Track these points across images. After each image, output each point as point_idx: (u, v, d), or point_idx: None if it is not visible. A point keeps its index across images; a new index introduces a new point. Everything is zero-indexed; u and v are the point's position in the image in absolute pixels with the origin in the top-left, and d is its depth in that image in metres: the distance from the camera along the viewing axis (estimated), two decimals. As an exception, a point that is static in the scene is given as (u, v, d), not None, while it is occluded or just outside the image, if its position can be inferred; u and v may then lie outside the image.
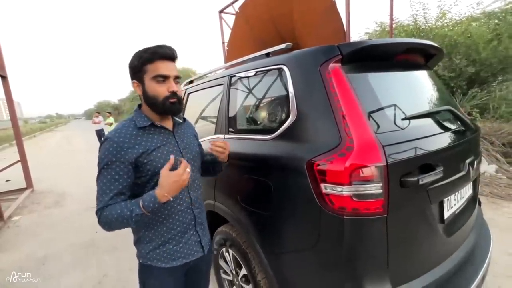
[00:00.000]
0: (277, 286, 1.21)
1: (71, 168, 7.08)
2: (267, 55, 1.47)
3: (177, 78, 0.94)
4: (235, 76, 1.63)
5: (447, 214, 1.16)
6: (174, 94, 0.92)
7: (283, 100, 1.24)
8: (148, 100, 0.93)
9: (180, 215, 0.99)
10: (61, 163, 7.99)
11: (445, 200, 1.14)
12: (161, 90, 0.91)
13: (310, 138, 1.08)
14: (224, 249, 1.63)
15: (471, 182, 1.39)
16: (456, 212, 1.25)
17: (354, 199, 0.92)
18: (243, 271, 1.47)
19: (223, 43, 8.96)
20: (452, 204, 1.21)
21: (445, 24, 6.70)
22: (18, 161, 4.98)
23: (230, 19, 6.25)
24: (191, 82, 2.48)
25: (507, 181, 3.84)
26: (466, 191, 1.35)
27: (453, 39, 5.92)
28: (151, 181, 0.93)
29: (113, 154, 0.87)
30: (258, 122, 1.47)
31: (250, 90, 1.52)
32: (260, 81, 1.45)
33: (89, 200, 4.22)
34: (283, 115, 1.23)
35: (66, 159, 8.85)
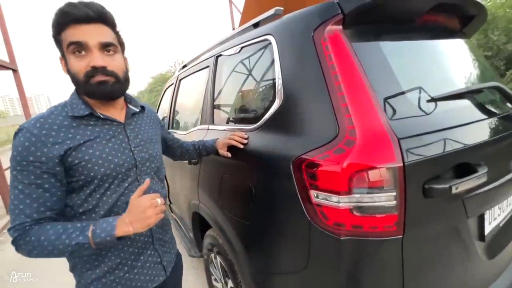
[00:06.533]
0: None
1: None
2: (255, 25, 1.20)
3: (108, 46, 0.68)
4: (221, 55, 1.38)
5: (488, 229, 0.86)
6: (99, 69, 0.66)
7: (269, 81, 0.98)
8: (72, 80, 0.69)
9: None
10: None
11: (486, 211, 0.84)
12: (79, 66, 0.66)
13: (299, 129, 0.81)
14: (212, 255, 1.44)
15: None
16: (501, 225, 0.94)
17: (355, 213, 0.66)
18: (230, 283, 1.27)
19: (233, 29, 8.65)
20: (496, 214, 0.90)
21: (482, -4, 5.92)
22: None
23: (240, 4, 5.93)
24: (184, 66, 2.26)
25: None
26: (514, 195, 1.02)
27: (491, 12, 5.17)
28: (87, 194, 0.69)
29: (31, 151, 0.62)
30: (241, 110, 1.21)
31: (235, 71, 1.26)
32: (246, 59, 1.18)
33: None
34: (268, 100, 0.97)
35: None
